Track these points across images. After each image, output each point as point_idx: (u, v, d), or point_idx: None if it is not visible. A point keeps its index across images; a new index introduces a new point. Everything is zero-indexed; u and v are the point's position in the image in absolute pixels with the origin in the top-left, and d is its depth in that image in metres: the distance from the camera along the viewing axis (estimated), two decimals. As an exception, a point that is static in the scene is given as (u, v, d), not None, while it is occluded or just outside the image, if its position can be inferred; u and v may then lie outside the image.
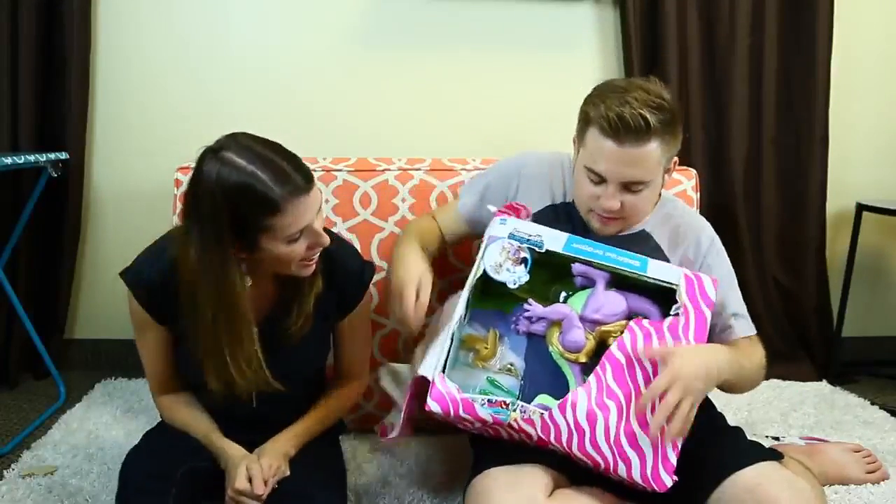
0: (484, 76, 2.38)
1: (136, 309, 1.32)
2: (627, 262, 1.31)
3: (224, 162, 1.15)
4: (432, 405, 1.19)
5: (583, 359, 1.28)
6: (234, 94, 2.32)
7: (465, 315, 1.31)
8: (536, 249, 1.32)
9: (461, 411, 1.19)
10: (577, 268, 1.32)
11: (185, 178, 1.80)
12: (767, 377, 2.30)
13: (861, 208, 2.38)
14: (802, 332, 2.50)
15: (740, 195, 2.42)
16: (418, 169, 1.88)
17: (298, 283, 1.30)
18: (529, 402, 1.22)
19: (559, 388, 1.25)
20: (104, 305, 2.39)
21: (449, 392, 1.19)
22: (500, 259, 1.31)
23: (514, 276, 1.30)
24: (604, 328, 1.29)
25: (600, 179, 1.33)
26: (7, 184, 2.21)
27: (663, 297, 1.31)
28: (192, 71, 2.31)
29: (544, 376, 1.28)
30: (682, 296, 1.28)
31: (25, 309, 2.13)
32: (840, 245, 2.51)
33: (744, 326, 1.43)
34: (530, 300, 1.31)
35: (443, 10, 2.35)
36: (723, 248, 1.48)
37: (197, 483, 1.28)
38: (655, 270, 1.31)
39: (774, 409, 2.09)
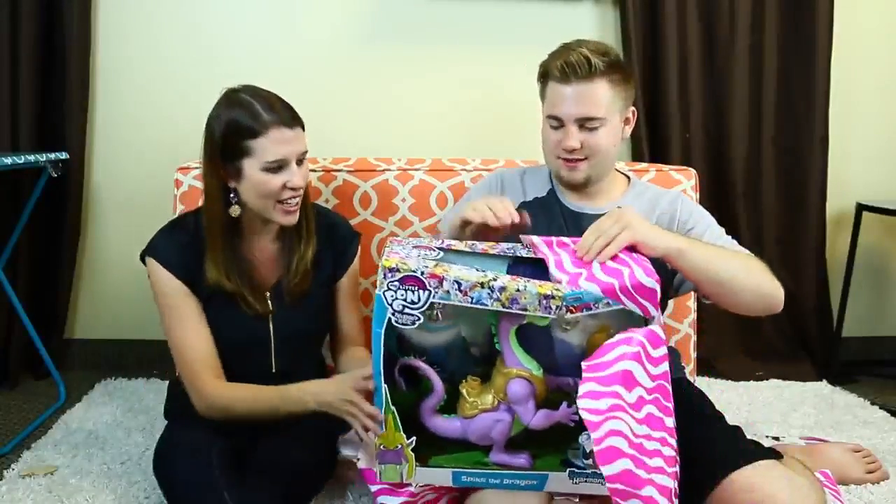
0: (484, 76, 2.37)
1: (165, 281, 1.37)
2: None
3: (227, 95, 1.36)
4: None
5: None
6: (234, 94, 2.32)
7: None
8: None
9: None
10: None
11: (185, 178, 1.82)
12: (767, 377, 2.33)
13: (861, 208, 2.38)
14: (802, 332, 2.50)
15: (740, 195, 2.41)
16: (418, 169, 1.88)
17: (296, 243, 1.44)
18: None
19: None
20: (104, 305, 2.39)
21: None
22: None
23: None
24: None
25: (559, 123, 1.46)
26: (7, 184, 2.21)
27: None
28: (192, 71, 2.31)
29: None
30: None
31: (25, 309, 2.13)
32: (840, 245, 2.51)
33: (733, 244, 1.46)
34: None
35: (443, 9, 2.35)
36: (691, 200, 1.57)
37: (233, 457, 1.32)
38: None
39: (774, 409, 2.09)
